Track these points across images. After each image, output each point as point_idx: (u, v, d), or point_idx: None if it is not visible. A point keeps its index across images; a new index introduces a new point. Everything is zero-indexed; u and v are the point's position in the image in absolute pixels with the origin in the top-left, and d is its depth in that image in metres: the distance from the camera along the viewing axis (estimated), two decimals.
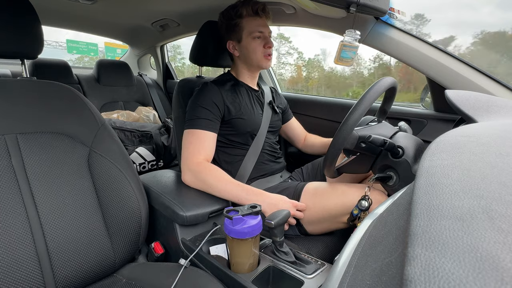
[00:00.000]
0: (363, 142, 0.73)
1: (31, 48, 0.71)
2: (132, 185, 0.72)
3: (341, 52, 0.87)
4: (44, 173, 0.64)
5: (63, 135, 0.68)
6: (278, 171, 1.07)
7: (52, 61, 1.94)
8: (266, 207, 0.79)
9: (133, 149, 1.60)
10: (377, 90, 0.71)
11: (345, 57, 0.88)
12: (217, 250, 0.70)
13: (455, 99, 0.57)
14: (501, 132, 0.35)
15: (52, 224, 0.62)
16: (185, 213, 0.72)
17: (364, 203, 0.74)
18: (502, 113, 0.51)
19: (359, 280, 0.25)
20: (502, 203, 0.19)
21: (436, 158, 0.28)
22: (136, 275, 0.68)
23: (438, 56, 0.93)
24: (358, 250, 0.31)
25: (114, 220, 0.69)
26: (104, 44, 3.93)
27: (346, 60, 0.88)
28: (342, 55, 0.88)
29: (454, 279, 0.15)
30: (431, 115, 1.06)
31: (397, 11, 0.96)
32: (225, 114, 0.95)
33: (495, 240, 0.16)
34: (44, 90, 0.70)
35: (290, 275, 0.61)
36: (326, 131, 1.26)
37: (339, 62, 0.89)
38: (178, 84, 1.11)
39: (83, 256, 0.64)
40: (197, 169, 0.84)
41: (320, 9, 1.04)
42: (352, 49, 0.88)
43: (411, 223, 0.20)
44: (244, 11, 0.96)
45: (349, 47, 0.87)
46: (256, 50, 0.97)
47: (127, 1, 1.47)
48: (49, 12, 1.62)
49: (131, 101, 2.19)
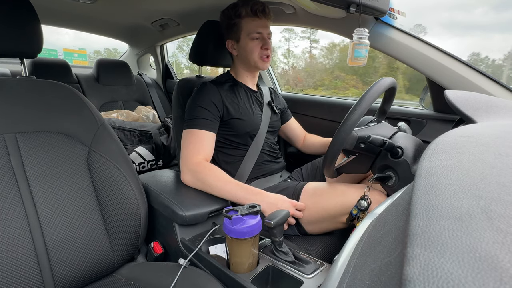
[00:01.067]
0: (363, 142, 0.73)
1: (31, 47, 0.71)
2: (131, 185, 0.72)
3: (354, 51, 0.87)
4: (43, 173, 0.64)
5: (63, 134, 0.68)
6: (278, 171, 1.07)
7: (52, 60, 1.94)
8: (265, 206, 0.79)
9: (133, 148, 1.60)
10: (377, 91, 0.71)
11: (358, 56, 0.88)
12: (217, 250, 0.70)
13: (455, 99, 0.57)
14: (501, 132, 0.35)
15: (51, 223, 0.62)
16: (185, 212, 0.72)
17: (363, 203, 0.74)
18: (501, 113, 0.51)
19: (358, 280, 0.25)
20: (501, 203, 0.19)
21: (435, 159, 0.28)
22: (135, 275, 0.68)
23: (438, 57, 0.93)
24: (357, 250, 0.31)
25: (113, 219, 0.69)
26: (63, 50, 4.10)
27: (360, 59, 0.88)
28: (356, 55, 0.87)
29: (453, 279, 0.15)
30: (431, 116, 1.06)
31: (397, 11, 0.96)
32: (224, 114, 0.95)
33: (494, 240, 0.16)
34: (43, 89, 0.70)
35: (289, 275, 0.61)
36: (325, 131, 1.26)
37: (353, 62, 0.89)
38: (178, 83, 1.11)
39: (82, 255, 0.64)
40: (197, 169, 0.84)
41: (320, 9, 1.04)
42: (364, 47, 0.88)
43: (410, 223, 0.20)
44: (244, 11, 0.96)
45: (361, 45, 0.87)
46: (253, 51, 0.97)
47: (127, 1, 1.47)
48: (48, 11, 1.62)
49: (130, 101, 2.19)
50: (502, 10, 11.76)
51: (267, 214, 0.77)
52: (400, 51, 0.97)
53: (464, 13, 10.82)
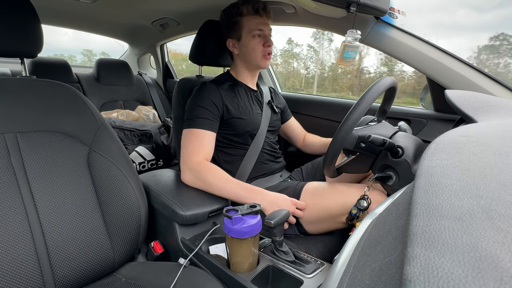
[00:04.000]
0: (363, 142, 0.73)
1: (31, 47, 0.71)
2: (131, 184, 0.72)
3: (344, 52, 0.87)
4: (44, 172, 0.64)
5: (63, 134, 0.68)
6: (278, 171, 1.07)
7: (52, 60, 1.94)
8: (266, 205, 0.78)
9: (133, 148, 1.60)
10: (377, 90, 0.70)
11: (347, 57, 0.88)
12: (217, 249, 0.70)
13: (455, 99, 0.57)
14: (501, 132, 0.35)
15: (52, 223, 0.62)
16: (185, 212, 0.72)
17: (363, 202, 0.74)
18: (501, 113, 0.51)
19: (358, 280, 0.25)
20: (502, 203, 0.19)
21: (435, 158, 0.28)
22: (136, 274, 0.68)
23: (438, 56, 0.93)
24: (357, 250, 0.31)
25: (114, 219, 0.69)
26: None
27: (348, 60, 0.88)
28: (345, 56, 0.88)
29: (453, 279, 0.15)
30: (431, 115, 1.06)
31: (397, 10, 0.96)
32: (224, 113, 0.95)
33: (495, 240, 0.16)
34: (43, 89, 0.70)
35: (289, 274, 0.61)
36: (325, 131, 1.26)
37: (342, 63, 0.89)
38: (178, 83, 1.11)
39: (82, 255, 0.64)
40: (197, 168, 0.84)
41: (321, 9, 1.04)
42: (354, 49, 0.88)
43: (411, 223, 0.20)
44: (245, 9, 0.96)
45: (351, 47, 0.87)
46: (256, 49, 0.97)
47: (127, 0, 1.47)
48: (49, 11, 1.62)
49: (131, 100, 2.19)
50: (482, 11, 11.75)
51: (267, 212, 0.76)
52: (400, 50, 0.96)
53: (448, 15, 10.86)
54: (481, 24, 11.21)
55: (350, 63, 0.89)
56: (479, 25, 11.23)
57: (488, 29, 10.34)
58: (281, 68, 4.29)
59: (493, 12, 12.68)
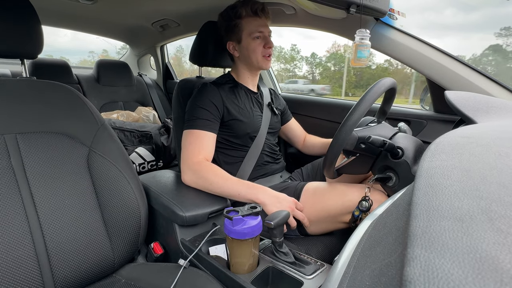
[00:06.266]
0: (363, 143, 0.73)
1: (31, 48, 0.71)
2: (131, 185, 0.72)
3: (357, 52, 0.87)
4: (44, 173, 0.64)
5: (63, 135, 0.68)
6: (278, 171, 1.07)
7: (52, 61, 1.94)
8: (267, 199, 0.78)
9: (133, 149, 1.60)
10: (377, 91, 0.71)
11: (361, 57, 0.88)
12: (217, 250, 0.70)
13: (455, 100, 0.57)
14: (501, 133, 0.35)
15: (51, 224, 0.62)
16: (185, 213, 0.72)
17: (365, 204, 0.74)
18: (501, 114, 0.51)
19: (358, 281, 0.25)
20: (502, 204, 0.19)
21: (435, 159, 0.28)
22: (135, 276, 0.68)
23: (438, 57, 0.93)
24: (357, 251, 0.31)
25: (114, 220, 0.69)
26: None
27: (362, 60, 0.88)
28: (359, 55, 0.88)
29: (453, 280, 0.15)
30: (431, 116, 1.06)
31: (397, 12, 0.96)
32: (225, 115, 0.95)
33: (495, 241, 0.16)
34: (43, 90, 0.70)
35: (289, 275, 0.60)
36: (325, 132, 1.26)
37: (356, 63, 0.89)
38: (178, 84, 1.11)
39: (82, 256, 0.64)
40: (197, 167, 0.84)
41: (320, 10, 1.04)
42: (366, 48, 0.88)
43: (411, 224, 0.20)
44: (244, 11, 0.96)
45: (363, 46, 0.88)
46: (256, 50, 0.97)
47: (128, 1, 1.48)
48: (49, 12, 1.62)
49: (131, 101, 2.19)
50: (469, 12, 11.89)
51: (269, 207, 0.76)
52: (400, 51, 0.97)
53: (436, 14, 10.98)
54: (468, 22, 11.30)
55: (364, 63, 0.89)
56: (467, 23, 11.32)
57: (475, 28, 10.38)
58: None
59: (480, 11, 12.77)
